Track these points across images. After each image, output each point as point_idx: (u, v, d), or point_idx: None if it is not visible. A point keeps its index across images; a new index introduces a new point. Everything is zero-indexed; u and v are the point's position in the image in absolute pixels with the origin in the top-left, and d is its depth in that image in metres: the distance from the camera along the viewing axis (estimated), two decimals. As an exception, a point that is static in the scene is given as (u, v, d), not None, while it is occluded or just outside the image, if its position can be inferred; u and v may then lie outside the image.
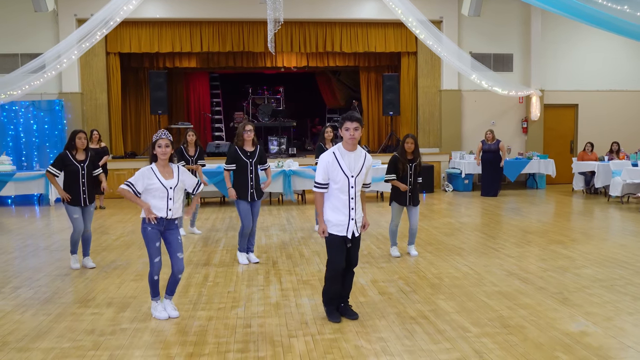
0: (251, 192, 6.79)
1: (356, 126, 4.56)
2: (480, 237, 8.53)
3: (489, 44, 15.62)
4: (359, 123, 4.58)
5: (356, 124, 4.56)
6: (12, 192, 12.72)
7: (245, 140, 6.76)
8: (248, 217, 6.82)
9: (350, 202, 4.63)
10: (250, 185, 6.77)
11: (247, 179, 6.76)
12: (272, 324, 4.78)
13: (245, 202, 6.81)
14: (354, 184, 4.63)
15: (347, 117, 4.58)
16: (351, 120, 4.56)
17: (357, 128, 4.56)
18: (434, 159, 15.08)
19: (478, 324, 4.71)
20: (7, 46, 14.21)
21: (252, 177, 6.78)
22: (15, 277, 6.51)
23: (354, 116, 4.58)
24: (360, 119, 4.63)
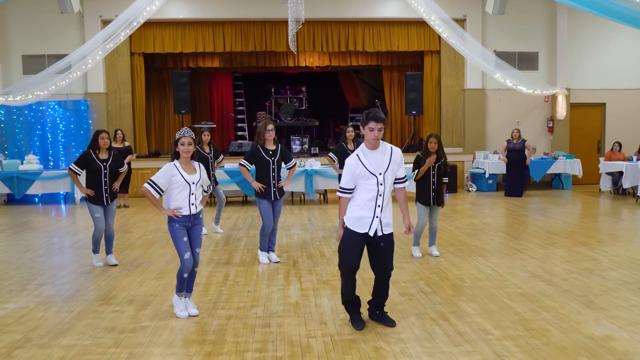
0: (273, 190, 6.79)
1: (380, 127, 4.45)
2: (503, 238, 8.41)
3: (514, 42, 15.41)
4: (384, 123, 4.48)
5: (381, 125, 4.45)
6: (39, 191, 12.94)
7: (266, 139, 6.76)
8: (269, 216, 6.82)
9: (377, 199, 4.47)
10: (273, 184, 6.77)
11: (269, 178, 6.75)
12: (291, 323, 4.76)
13: (267, 201, 6.80)
14: (382, 181, 4.47)
15: (373, 117, 4.43)
16: (376, 121, 4.42)
17: (381, 129, 4.46)
18: (457, 158, 14.93)
19: (500, 326, 4.63)
20: (35, 47, 14.46)
21: (274, 175, 6.77)
22: (40, 274, 6.60)
23: (379, 117, 4.44)
24: (385, 120, 4.54)
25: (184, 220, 4.91)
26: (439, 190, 7.06)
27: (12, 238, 8.98)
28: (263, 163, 6.76)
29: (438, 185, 7.04)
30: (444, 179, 7.11)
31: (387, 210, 4.57)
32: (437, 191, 7.03)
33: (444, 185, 7.19)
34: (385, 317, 4.73)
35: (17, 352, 4.26)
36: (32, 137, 14.20)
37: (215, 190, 9.08)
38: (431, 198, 7.01)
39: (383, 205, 4.51)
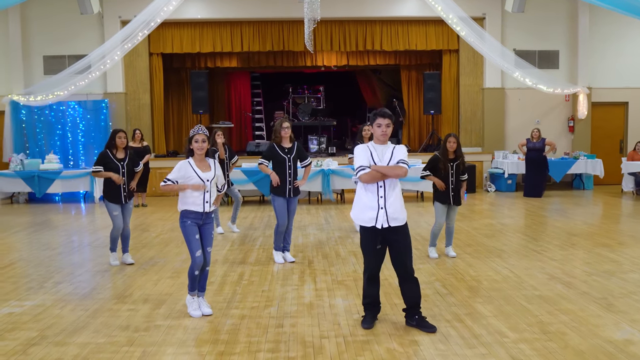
0: (289, 188, 6.77)
1: (388, 122, 4.52)
2: (522, 239, 8.30)
3: (534, 41, 15.21)
4: (391, 119, 4.54)
5: (388, 120, 4.52)
6: (59, 190, 13.10)
7: (282, 137, 6.77)
8: (284, 214, 6.81)
9: (379, 190, 4.51)
10: (288, 181, 6.76)
11: (285, 175, 6.75)
12: (305, 324, 4.74)
13: (282, 198, 6.80)
14: None
15: (379, 113, 4.54)
16: (383, 117, 4.51)
17: (389, 124, 4.52)
18: (476, 158, 14.79)
19: (516, 329, 4.56)
20: (55, 48, 14.63)
21: (290, 172, 6.77)
22: (58, 272, 6.67)
23: (385, 112, 4.54)
24: (392, 116, 4.58)
25: (196, 217, 4.91)
26: (457, 190, 6.99)
27: (32, 236, 9.09)
28: (279, 160, 6.77)
29: (456, 185, 6.98)
30: (462, 177, 7.04)
31: (392, 202, 4.52)
32: (455, 190, 6.97)
33: (463, 182, 7.12)
34: (424, 322, 4.59)
35: (33, 349, 4.30)
36: (52, 137, 14.37)
37: (231, 190, 9.09)
38: (450, 197, 6.95)
39: (386, 197, 4.51)
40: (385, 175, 4.48)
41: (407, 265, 4.59)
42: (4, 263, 7.17)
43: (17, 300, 5.54)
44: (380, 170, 4.47)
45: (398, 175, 4.50)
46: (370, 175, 4.48)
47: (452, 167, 6.94)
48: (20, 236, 9.11)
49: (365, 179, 4.51)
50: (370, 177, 4.49)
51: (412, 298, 4.64)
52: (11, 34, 14.47)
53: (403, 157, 4.53)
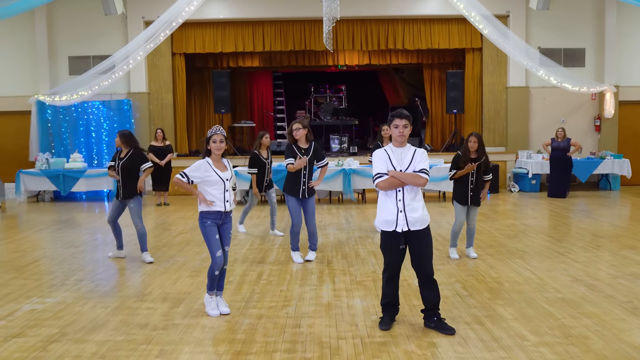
0: (302, 189, 6.74)
1: (405, 123, 4.46)
2: (545, 240, 8.16)
3: (559, 39, 14.96)
4: (408, 120, 4.48)
5: (405, 121, 4.46)
6: (83, 188, 13.28)
7: (296, 138, 6.75)
8: (298, 214, 6.80)
9: (397, 194, 4.47)
10: (303, 182, 6.74)
11: (300, 175, 6.73)
12: (322, 324, 4.71)
13: (295, 199, 6.78)
14: None
15: (396, 114, 4.49)
16: (400, 118, 4.46)
17: (406, 125, 4.46)
18: (499, 158, 14.60)
19: (537, 332, 4.47)
20: (80, 49, 14.83)
21: (304, 173, 6.74)
22: (80, 270, 6.75)
23: (403, 113, 4.48)
24: (410, 116, 4.51)
25: (215, 217, 4.92)
26: (476, 190, 6.90)
27: (56, 234, 9.22)
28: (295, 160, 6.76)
29: (476, 185, 6.89)
30: (485, 177, 6.95)
31: (412, 205, 4.47)
32: (474, 190, 6.88)
33: (486, 183, 7.03)
34: (443, 324, 4.54)
35: (52, 346, 4.35)
36: (77, 136, 14.58)
37: (268, 193, 8.76)
38: (468, 197, 6.86)
39: (405, 201, 4.46)
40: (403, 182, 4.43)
41: (426, 267, 4.53)
42: (28, 260, 7.29)
43: (39, 297, 5.62)
44: (398, 177, 4.43)
45: (417, 185, 4.45)
46: (388, 182, 4.45)
47: None
48: (44, 234, 9.25)
49: (383, 186, 4.47)
50: (387, 185, 4.46)
51: (431, 300, 4.59)
52: (37, 36, 14.71)
53: (424, 166, 4.47)
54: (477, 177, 6.89)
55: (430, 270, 4.57)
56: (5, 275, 6.51)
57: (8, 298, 5.62)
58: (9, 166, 14.59)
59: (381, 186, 4.47)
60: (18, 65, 14.98)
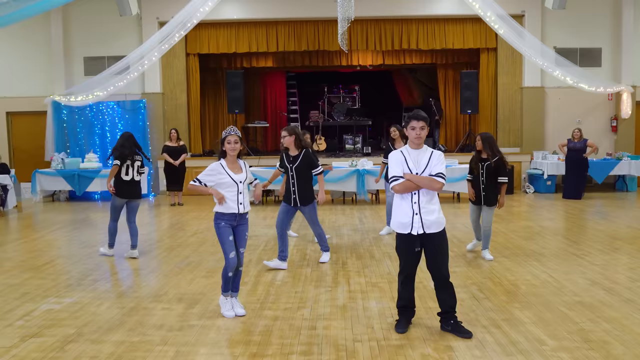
0: (293, 197, 6.72)
1: (422, 125, 4.42)
2: (562, 242, 8.07)
3: (575, 38, 14.82)
4: (425, 122, 4.43)
5: (422, 123, 4.42)
6: (98, 188, 13.36)
7: (286, 145, 6.77)
8: (281, 216, 6.79)
9: (413, 196, 4.43)
10: (292, 190, 6.70)
11: (289, 184, 6.76)
12: (338, 327, 4.69)
13: (287, 205, 6.79)
14: None
15: (413, 116, 4.44)
16: (417, 119, 4.42)
17: (423, 127, 4.42)
18: (514, 159, 14.48)
19: (556, 336, 4.42)
20: (95, 50, 14.93)
21: (293, 182, 6.69)
22: (96, 270, 6.78)
23: (420, 115, 4.43)
24: (427, 118, 4.47)
25: (230, 218, 4.91)
26: (489, 190, 6.89)
27: (72, 234, 9.29)
28: (284, 168, 6.83)
29: (488, 185, 6.89)
30: (500, 179, 6.92)
31: (428, 208, 4.44)
32: (487, 190, 6.89)
33: (501, 186, 6.98)
34: (460, 327, 4.50)
35: (70, 346, 4.37)
36: (92, 136, 14.67)
37: None
38: (481, 197, 6.91)
39: (420, 203, 4.42)
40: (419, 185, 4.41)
41: (442, 270, 4.50)
42: (45, 260, 7.34)
43: (56, 297, 5.65)
44: (414, 180, 4.39)
45: (433, 189, 4.41)
46: (404, 185, 4.41)
47: (483, 167, 6.92)
48: (60, 233, 9.32)
49: (399, 189, 4.44)
50: (403, 188, 4.42)
51: (447, 302, 4.55)
52: (53, 37, 14.83)
53: (441, 170, 4.42)
54: (488, 178, 6.90)
55: (446, 273, 4.53)
56: (22, 275, 6.56)
57: (25, 298, 5.66)
58: (25, 166, 14.74)
59: (397, 189, 4.45)
60: (34, 66, 15.11)
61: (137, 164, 7.57)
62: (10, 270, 6.81)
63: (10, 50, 15.20)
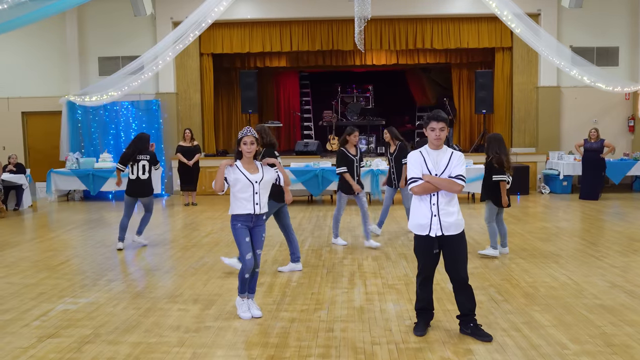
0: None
1: (442, 126, 4.36)
2: (579, 243, 7.96)
3: (592, 37, 14.65)
4: (445, 123, 4.37)
5: (442, 124, 4.35)
6: (112, 188, 13.40)
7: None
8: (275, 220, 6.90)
9: (432, 198, 4.38)
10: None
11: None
12: (355, 329, 4.64)
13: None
14: None
15: (433, 117, 4.38)
16: (437, 120, 4.35)
17: (443, 128, 4.36)
18: (529, 159, 14.35)
19: (578, 340, 4.34)
20: (109, 50, 15.00)
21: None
22: (111, 270, 6.79)
23: (439, 116, 4.37)
24: (447, 119, 4.40)
25: (246, 220, 4.87)
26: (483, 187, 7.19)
27: (87, 233, 9.32)
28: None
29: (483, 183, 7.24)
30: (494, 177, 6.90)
31: (447, 210, 4.38)
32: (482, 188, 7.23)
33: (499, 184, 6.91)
34: (480, 330, 4.43)
35: (87, 347, 4.36)
36: (106, 136, 14.73)
37: (359, 197, 7.93)
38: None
39: (440, 205, 4.36)
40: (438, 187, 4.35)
41: (461, 272, 4.44)
42: (60, 260, 7.36)
43: (72, 297, 5.66)
44: (433, 182, 4.33)
45: (452, 191, 4.35)
46: (423, 187, 4.36)
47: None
48: (75, 233, 9.35)
49: (417, 191, 4.38)
50: (422, 190, 4.37)
51: (466, 305, 4.49)
52: (68, 37, 14.91)
53: (461, 171, 4.36)
54: (486, 177, 7.06)
55: (465, 276, 4.47)
56: (39, 275, 6.58)
57: (42, 297, 5.67)
58: (40, 166, 14.83)
59: (415, 191, 4.39)
60: (49, 67, 15.21)
61: (141, 164, 7.99)
62: (26, 270, 6.84)
63: (26, 50, 15.30)
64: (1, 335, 4.64)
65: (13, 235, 9.21)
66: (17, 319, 5.04)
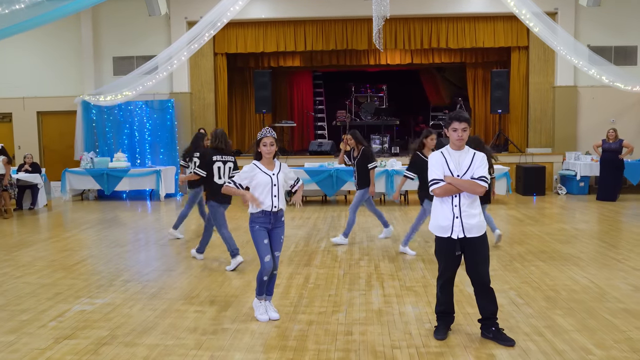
0: None
1: (464, 127, 4.27)
2: (599, 245, 7.83)
3: (610, 36, 14.46)
4: (468, 123, 4.28)
5: (465, 125, 4.27)
6: (126, 188, 13.44)
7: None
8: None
9: (453, 199, 4.30)
10: None
11: None
12: (374, 332, 4.57)
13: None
14: None
15: (456, 117, 4.29)
16: (459, 121, 4.27)
17: (465, 129, 4.28)
18: (545, 159, 14.20)
19: (602, 345, 4.24)
20: (124, 50, 15.05)
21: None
22: (126, 270, 6.76)
23: (462, 116, 4.28)
24: (469, 119, 4.31)
25: (264, 220, 4.81)
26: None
27: (102, 233, 9.31)
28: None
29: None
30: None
31: (469, 211, 4.29)
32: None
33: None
34: (502, 335, 4.34)
35: (104, 349, 4.33)
36: (120, 136, 14.77)
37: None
38: None
39: (462, 207, 4.28)
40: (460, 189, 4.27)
41: (483, 275, 4.35)
42: (76, 260, 7.35)
43: (88, 298, 5.63)
44: (455, 184, 4.25)
45: (475, 193, 4.27)
46: (444, 189, 4.28)
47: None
48: (90, 232, 9.36)
49: (439, 193, 4.30)
50: (443, 192, 4.29)
51: (488, 309, 4.40)
52: (84, 37, 14.98)
53: (483, 173, 4.27)
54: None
55: (487, 279, 4.38)
56: (55, 275, 6.57)
57: (58, 298, 5.65)
58: (55, 165, 14.91)
59: (437, 193, 4.31)
60: (64, 67, 15.29)
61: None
62: (42, 269, 6.83)
63: (42, 50, 15.39)
64: (19, 336, 4.62)
65: (29, 235, 9.23)
66: (34, 319, 5.02)
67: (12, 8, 8.24)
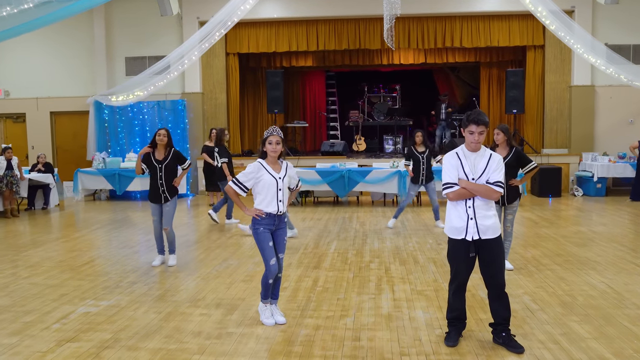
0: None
1: (482, 130, 4.11)
2: (618, 249, 7.61)
3: (628, 34, 14.17)
4: (486, 127, 4.12)
5: (482, 128, 4.11)
6: (138, 188, 13.41)
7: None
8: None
9: (467, 201, 4.16)
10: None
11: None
12: (383, 338, 4.43)
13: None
14: None
15: (474, 120, 4.11)
16: (477, 124, 4.10)
17: (483, 132, 4.11)
18: (561, 160, 13.94)
19: (621, 354, 4.07)
20: (136, 50, 15.04)
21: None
22: (133, 271, 6.69)
23: (480, 119, 4.10)
24: (487, 122, 4.14)
25: (268, 222, 4.69)
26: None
27: (112, 233, 9.27)
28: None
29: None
30: None
31: (483, 212, 4.15)
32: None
33: None
34: (512, 341, 4.19)
35: (106, 352, 4.24)
36: (132, 136, 14.76)
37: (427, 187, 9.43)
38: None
39: (476, 208, 4.14)
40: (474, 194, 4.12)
41: (498, 278, 4.20)
42: (84, 260, 7.30)
43: (93, 299, 5.56)
44: (469, 188, 4.11)
45: (490, 199, 4.12)
46: (458, 194, 4.14)
47: None
48: (100, 233, 9.32)
49: (452, 197, 4.17)
50: (456, 196, 4.16)
51: (501, 314, 4.25)
52: (96, 37, 15.00)
53: (499, 177, 4.12)
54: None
55: (502, 282, 4.23)
56: (62, 276, 6.51)
57: (64, 299, 5.58)
58: (68, 165, 14.95)
59: (451, 197, 4.17)
60: (77, 67, 15.33)
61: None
62: (49, 270, 6.78)
63: (55, 50, 15.44)
64: (21, 338, 4.55)
65: (39, 235, 9.22)
66: (37, 321, 4.96)
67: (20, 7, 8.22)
